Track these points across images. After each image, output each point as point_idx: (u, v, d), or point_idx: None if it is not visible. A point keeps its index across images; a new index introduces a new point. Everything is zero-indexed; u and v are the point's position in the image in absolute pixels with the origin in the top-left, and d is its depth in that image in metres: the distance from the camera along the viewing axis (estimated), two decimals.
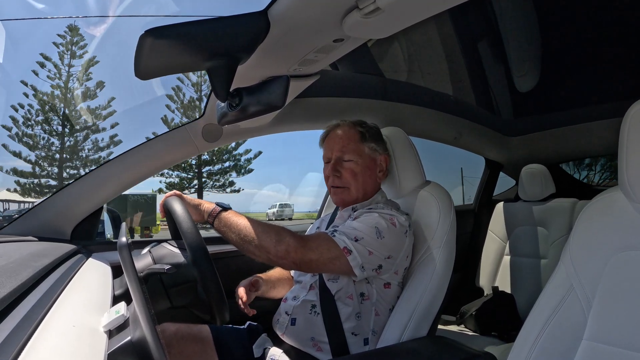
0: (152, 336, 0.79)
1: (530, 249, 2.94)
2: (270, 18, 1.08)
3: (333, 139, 1.64)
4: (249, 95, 1.22)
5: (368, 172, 1.61)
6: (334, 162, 1.61)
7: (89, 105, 24.55)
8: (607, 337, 0.97)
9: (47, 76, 23.15)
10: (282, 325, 1.53)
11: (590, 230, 1.09)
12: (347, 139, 1.61)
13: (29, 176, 23.42)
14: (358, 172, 1.59)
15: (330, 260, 1.34)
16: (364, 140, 1.61)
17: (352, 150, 1.60)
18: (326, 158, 1.66)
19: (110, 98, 23.93)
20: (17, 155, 23.34)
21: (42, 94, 23.56)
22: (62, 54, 23.50)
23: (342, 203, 1.66)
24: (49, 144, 24.34)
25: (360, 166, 1.59)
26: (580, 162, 3.91)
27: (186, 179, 28.69)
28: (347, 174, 1.59)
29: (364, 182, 1.61)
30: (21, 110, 23.06)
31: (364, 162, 1.60)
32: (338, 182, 1.61)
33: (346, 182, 1.60)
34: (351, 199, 1.62)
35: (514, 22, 2.35)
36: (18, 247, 1.32)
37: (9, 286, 0.72)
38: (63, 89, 23.86)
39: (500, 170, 3.56)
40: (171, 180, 28.39)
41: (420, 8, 1.02)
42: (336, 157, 1.61)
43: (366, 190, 1.62)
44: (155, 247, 1.38)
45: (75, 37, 23.64)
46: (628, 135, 1.02)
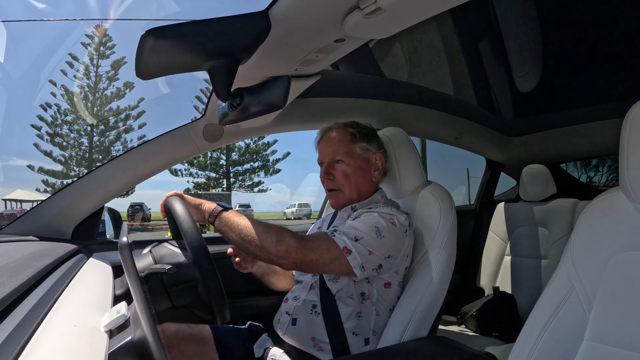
0: (152, 336, 0.79)
1: (531, 249, 2.94)
2: (271, 18, 1.08)
3: (325, 141, 1.66)
4: (250, 95, 1.22)
5: (361, 172, 1.62)
6: (326, 165, 1.63)
7: (119, 106, 24.78)
8: (608, 337, 0.97)
9: (74, 76, 23.41)
10: (283, 325, 1.53)
11: (591, 230, 1.09)
12: (339, 141, 1.62)
13: (61, 176, 23.69)
14: (350, 174, 1.60)
15: (330, 260, 1.34)
16: (354, 141, 1.62)
17: (343, 152, 1.61)
18: (320, 161, 1.68)
19: (139, 99, 24.12)
20: (48, 154, 23.57)
21: (72, 94, 23.82)
22: (91, 54, 23.74)
23: (337, 205, 1.67)
24: (78, 144, 24.57)
25: (352, 167, 1.60)
26: (588, 163, 3.90)
27: (214, 178, 28.96)
28: (339, 176, 1.60)
29: (357, 182, 1.61)
30: (50, 110, 23.35)
31: (355, 163, 1.61)
32: (331, 184, 1.63)
33: (339, 184, 1.61)
34: (345, 201, 1.63)
35: (515, 22, 2.35)
36: (19, 247, 1.32)
37: (10, 286, 0.73)
38: (92, 88, 24.10)
39: (501, 170, 3.55)
40: (199, 180, 28.71)
41: (422, 8, 1.01)
42: (328, 159, 1.63)
43: (360, 190, 1.62)
44: (156, 247, 1.38)
45: (103, 38, 23.94)
46: (629, 136, 1.02)
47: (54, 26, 15.23)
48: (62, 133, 24.32)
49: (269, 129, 2.13)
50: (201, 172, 28.65)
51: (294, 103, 1.88)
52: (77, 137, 24.97)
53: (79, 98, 24.39)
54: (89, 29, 8.50)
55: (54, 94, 23.52)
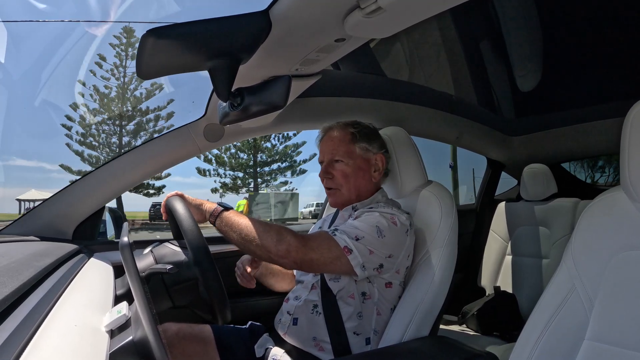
0: (153, 336, 0.80)
1: (532, 248, 2.94)
2: (271, 18, 1.08)
3: (326, 141, 1.66)
4: (251, 95, 1.22)
5: (360, 172, 1.61)
6: (325, 164, 1.63)
7: (148, 107, 24.88)
8: (609, 337, 0.97)
9: (101, 76, 23.55)
10: (284, 325, 1.53)
11: (592, 230, 1.09)
12: (338, 140, 1.63)
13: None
14: (349, 173, 1.60)
15: (331, 259, 1.34)
16: (354, 141, 1.62)
17: (342, 152, 1.61)
18: (320, 160, 1.68)
19: (169, 99, 24.15)
20: (80, 154, 23.70)
21: (103, 96, 23.98)
22: (119, 55, 23.86)
23: (335, 204, 1.68)
24: (109, 143, 24.66)
25: (351, 167, 1.60)
26: (595, 164, 3.90)
27: (241, 178, 29.16)
28: (338, 176, 1.60)
29: (356, 183, 1.61)
30: (79, 110, 23.55)
31: (355, 163, 1.60)
32: (330, 183, 1.63)
33: (337, 184, 1.61)
34: (343, 200, 1.63)
35: (515, 22, 2.35)
36: (20, 247, 1.32)
37: (11, 286, 0.73)
38: (121, 89, 24.25)
39: (502, 170, 3.55)
40: (226, 181, 28.95)
41: (422, 8, 1.01)
42: (328, 159, 1.63)
43: (359, 190, 1.62)
44: (156, 247, 1.38)
45: (132, 39, 24.02)
46: (630, 135, 1.02)
47: (55, 26, 15.19)
48: (92, 133, 24.58)
49: (270, 128, 2.13)
50: (230, 172, 28.96)
51: (295, 103, 1.88)
52: (107, 138, 25.30)
53: (108, 99, 24.60)
54: (90, 29, 8.53)
55: (82, 93, 23.85)
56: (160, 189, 28.57)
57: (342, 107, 2.22)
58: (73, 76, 20.88)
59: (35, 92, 22.90)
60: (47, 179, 38.75)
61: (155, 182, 28.40)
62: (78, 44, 17.99)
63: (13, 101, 22.82)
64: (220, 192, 29.55)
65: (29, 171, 39.09)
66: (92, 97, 24.17)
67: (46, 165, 40.76)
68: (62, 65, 15.65)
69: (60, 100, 18.53)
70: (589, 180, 3.92)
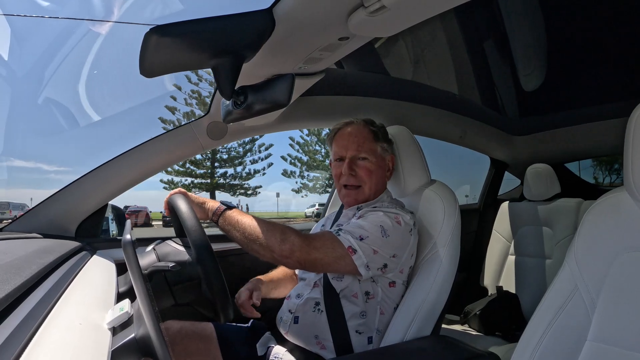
0: (156, 333, 0.80)
1: (535, 248, 2.93)
2: (275, 16, 1.08)
3: (346, 137, 1.63)
4: (254, 93, 1.22)
5: (380, 171, 1.62)
6: (349, 160, 1.60)
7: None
8: (612, 338, 0.97)
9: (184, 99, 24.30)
10: (286, 324, 1.53)
11: (596, 230, 1.09)
12: (362, 137, 1.61)
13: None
14: (373, 171, 1.59)
15: (334, 259, 1.34)
16: (377, 140, 1.62)
17: (367, 148, 1.59)
18: (338, 156, 1.64)
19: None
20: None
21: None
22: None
23: (354, 202, 1.64)
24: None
25: (375, 165, 1.60)
26: (611, 167, 3.88)
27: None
28: (362, 172, 1.59)
29: (377, 181, 1.61)
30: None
31: (377, 162, 1.60)
32: (353, 180, 1.60)
33: (361, 180, 1.59)
34: (363, 198, 1.62)
35: (519, 21, 2.34)
36: (23, 244, 1.32)
37: (13, 283, 0.73)
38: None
39: (506, 169, 3.55)
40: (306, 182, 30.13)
41: (426, 6, 1.01)
42: (351, 155, 1.60)
43: (377, 189, 1.63)
44: (159, 245, 1.38)
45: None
46: (634, 135, 1.02)
47: (58, 23, 15.18)
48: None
49: (273, 127, 2.13)
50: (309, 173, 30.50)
51: (298, 101, 1.88)
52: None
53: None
54: (94, 27, 8.46)
55: (174, 108, 24.76)
56: (255, 189, 29.57)
57: (346, 106, 2.22)
58: (76, 75, 20.95)
59: (37, 91, 22.96)
60: (46, 179, 38.89)
61: (248, 182, 29.39)
62: (81, 43, 18.04)
63: (12, 100, 22.90)
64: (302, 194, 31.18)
65: (27, 172, 39.26)
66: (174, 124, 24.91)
67: (44, 166, 40.85)
68: (65, 64, 15.67)
69: (63, 99, 18.54)
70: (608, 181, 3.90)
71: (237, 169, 29.57)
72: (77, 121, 24.56)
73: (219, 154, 28.65)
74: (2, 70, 3.51)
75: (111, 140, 31.10)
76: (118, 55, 25.14)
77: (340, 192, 1.66)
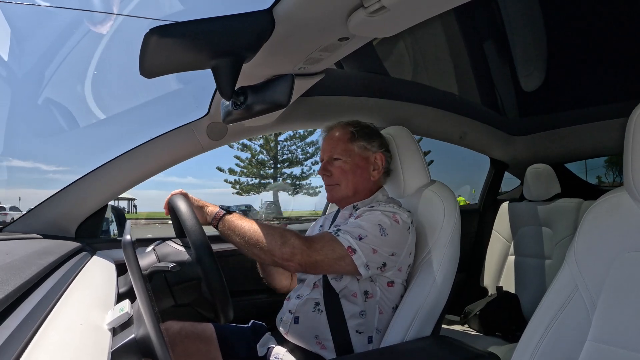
0: (156, 334, 0.80)
1: (535, 249, 2.93)
2: (275, 16, 1.08)
3: (327, 140, 1.70)
4: (254, 94, 1.22)
5: (358, 170, 1.63)
6: (324, 162, 1.66)
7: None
8: (612, 338, 0.97)
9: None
10: (286, 324, 1.53)
11: (596, 230, 1.09)
12: (338, 139, 1.66)
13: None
14: (347, 170, 1.62)
15: (335, 260, 1.34)
16: (353, 140, 1.65)
17: (341, 150, 1.64)
18: (320, 158, 1.71)
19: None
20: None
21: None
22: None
23: (332, 199, 1.70)
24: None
25: (349, 164, 1.62)
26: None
27: None
28: (336, 172, 1.63)
29: (354, 180, 1.63)
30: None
31: (352, 161, 1.63)
32: (328, 180, 1.66)
33: (336, 180, 1.64)
34: (340, 196, 1.65)
35: (519, 21, 2.34)
36: (23, 245, 1.32)
37: (13, 283, 0.73)
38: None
39: (506, 169, 3.54)
40: None
41: (426, 7, 1.01)
42: (327, 157, 1.66)
43: (357, 188, 1.64)
44: (159, 245, 1.38)
45: None
46: (633, 135, 1.02)
47: (58, 24, 15.17)
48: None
49: (273, 127, 2.13)
50: None
51: (298, 101, 1.88)
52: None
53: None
54: (94, 28, 8.41)
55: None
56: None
57: (345, 106, 2.22)
58: (76, 75, 20.79)
59: (37, 91, 22.82)
60: (44, 179, 38.92)
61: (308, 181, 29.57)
62: (81, 43, 17.92)
63: (11, 100, 22.76)
64: None
65: (25, 172, 39.33)
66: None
67: (42, 166, 40.89)
68: (65, 64, 15.57)
69: (63, 99, 18.42)
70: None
71: (296, 170, 29.94)
72: (77, 122, 24.44)
73: (283, 155, 29.22)
74: (1, 71, 3.50)
75: (111, 141, 31.15)
76: (119, 55, 24.96)
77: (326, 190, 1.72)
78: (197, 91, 2.00)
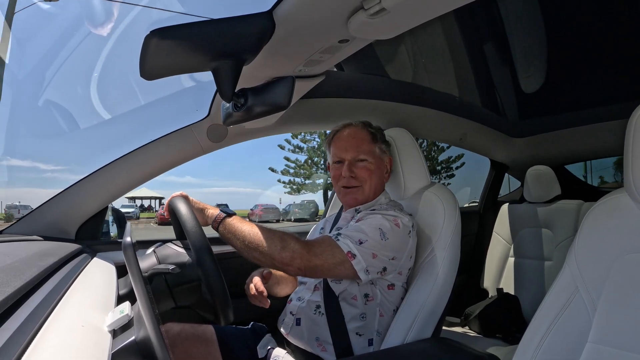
0: (156, 336, 0.80)
1: (535, 250, 2.92)
2: (275, 18, 1.08)
3: (344, 139, 1.65)
4: (254, 96, 1.22)
5: (378, 172, 1.63)
6: (349, 162, 1.61)
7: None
8: (612, 339, 0.96)
9: None
10: (287, 325, 1.53)
11: (596, 232, 1.09)
12: (361, 139, 1.63)
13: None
14: (373, 171, 1.61)
15: (334, 265, 1.34)
16: (375, 141, 1.63)
17: (366, 150, 1.61)
18: (337, 158, 1.66)
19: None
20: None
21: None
22: None
23: (355, 203, 1.65)
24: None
25: (374, 165, 1.61)
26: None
27: None
28: (362, 173, 1.60)
29: (376, 182, 1.62)
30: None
31: (375, 162, 1.62)
32: (353, 181, 1.61)
33: (362, 180, 1.61)
34: (364, 198, 1.63)
35: (520, 23, 2.34)
36: (23, 247, 1.32)
37: (14, 285, 0.73)
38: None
39: (506, 171, 3.54)
40: None
41: (426, 9, 1.01)
42: (351, 157, 1.62)
43: (376, 190, 1.64)
44: (159, 247, 1.38)
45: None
46: (634, 137, 1.02)
47: (59, 25, 15.20)
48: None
49: (273, 129, 2.13)
50: None
51: (298, 103, 1.88)
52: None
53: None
54: (95, 30, 8.37)
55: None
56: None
57: (346, 108, 2.22)
58: (77, 76, 20.78)
59: (38, 92, 22.81)
60: (41, 178, 38.97)
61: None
62: (82, 44, 17.88)
63: (9, 101, 22.74)
64: None
65: (23, 171, 39.43)
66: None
67: (40, 165, 40.96)
68: (66, 65, 15.54)
69: (63, 100, 18.39)
70: None
71: None
72: (77, 123, 24.39)
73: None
74: (1, 72, 3.50)
75: (110, 141, 31.14)
76: (120, 56, 24.93)
77: (339, 194, 1.67)
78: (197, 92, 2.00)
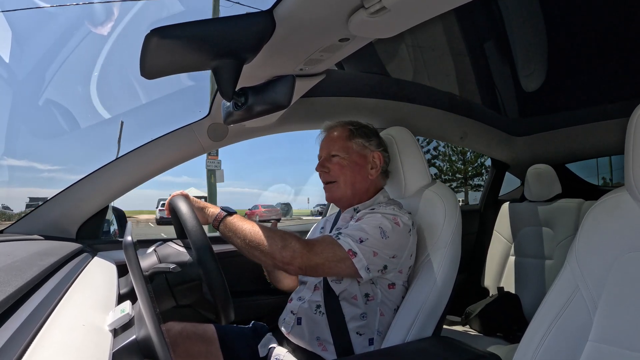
0: (157, 335, 0.79)
1: (535, 249, 2.92)
2: (275, 17, 1.08)
3: (325, 139, 1.70)
4: (255, 95, 1.22)
5: (356, 167, 1.63)
6: (323, 159, 1.66)
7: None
8: (613, 338, 0.96)
9: None
10: (288, 325, 1.53)
11: (597, 231, 1.09)
12: (336, 137, 1.66)
13: None
14: (345, 166, 1.61)
15: (335, 263, 1.34)
16: (351, 137, 1.65)
17: (339, 147, 1.63)
18: (319, 157, 1.70)
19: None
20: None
21: None
22: None
23: (332, 199, 1.68)
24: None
25: (347, 161, 1.62)
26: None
27: None
28: (334, 168, 1.62)
29: (352, 177, 1.62)
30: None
31: (350, 158, 1.62)
32: (327, 177, 1.64)
33: (334, 176, 1.63)
34: (340, 194, 1.64)
35: (520, 21, 2.34)
36: (24, 246, 1.32)
37: (14, 284, 0.73)
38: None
39: (506, 170, 3.54)
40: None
41: (426, 7, 1.01)
42: (325, 154, 1.66)
43: (355, 186, 1.63)
44: (160, 246, 1.38)
45: None
46: (634, 136, 1.02)
47: (59, 26, 15.21)
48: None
49: (274, 128, 2.13)
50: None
51: (299, 102, 1.88)
52: None
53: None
54: (95, 29, 8.37)
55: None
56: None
57: (346, 107, 2.22)
58: (77, 76, 20.92)
59: (38, 92, 22.93)
60: (38, 178, 39.27)
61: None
62: (81, 45, 17.97)
63: (9, 101, 22.84)
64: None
65: (20, 171, 39.78)
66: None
67: (38, 165, 41.32)
68: (65, 65, 15.67)
69: (63, 100, 18.43)
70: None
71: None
72: (78, 122, 24.52)
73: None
74: (2, 72, 3.49)
75: (110, 141, 31.20)
76: (120, 56, 25.03)
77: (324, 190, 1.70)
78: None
